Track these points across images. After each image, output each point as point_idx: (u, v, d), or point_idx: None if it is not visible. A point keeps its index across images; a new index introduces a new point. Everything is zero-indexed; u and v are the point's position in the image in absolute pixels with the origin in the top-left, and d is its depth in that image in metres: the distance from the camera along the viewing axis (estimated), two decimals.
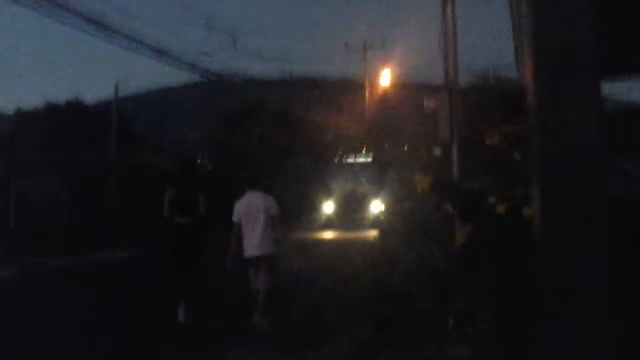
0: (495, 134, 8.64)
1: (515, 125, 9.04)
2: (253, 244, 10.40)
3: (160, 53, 20.32)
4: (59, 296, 14.59)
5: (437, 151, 10.10)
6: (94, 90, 77.42)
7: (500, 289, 7.74)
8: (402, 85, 39.23)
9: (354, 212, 29.47)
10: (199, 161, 43.78)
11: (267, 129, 35.74)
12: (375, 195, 28.62)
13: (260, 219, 10.42)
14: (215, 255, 10.88)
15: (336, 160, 34.16)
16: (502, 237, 7.90)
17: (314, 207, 31.13)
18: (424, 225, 9.39)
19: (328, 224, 29.64)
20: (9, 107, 58.04)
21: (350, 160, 33.38)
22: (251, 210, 10.49)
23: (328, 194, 31.20)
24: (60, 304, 13.35)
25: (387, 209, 20.21)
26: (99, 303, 12.91)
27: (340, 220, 29.79)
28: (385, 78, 39.23)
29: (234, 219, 10.57)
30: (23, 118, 45.33)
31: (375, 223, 27.15)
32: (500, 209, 7.93)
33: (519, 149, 8.38)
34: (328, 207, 30.78)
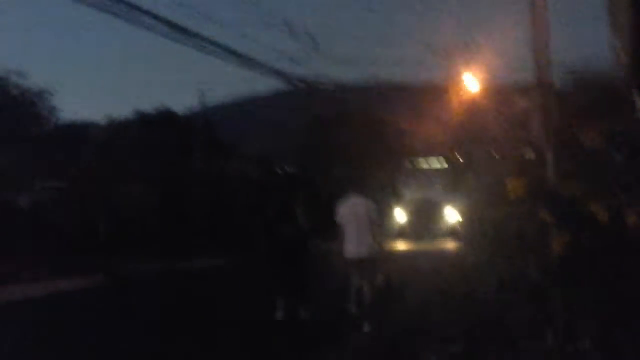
0: (594, 134, 7.96)
1: (617, 123, 8.37)
2: (356, 245, 10.57)
3: (245, 59, 20.04)
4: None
5: (530, 154, 9.45)
6: (181, 99, 78.74)
7: (604, 304, 7.11)
8: (488, 88, 38.18)
9: (428, 221, 27.83)
10: (286, 168, 43.89)
11: (356, 135, 35.41)
12: (450, 203, 27.62)
13: (363, 222, 10.61)
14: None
15: (409, 165, 32.50)
16: (605, 248, 7.26)
17: (386, 216, 28.75)
18: (517, 234, 8.77)
19: (401, 234, 27.83)
20: (97, 117, 59.60)
21: (424, 165, 31.91)
22: (355, 213, 10.69)
23: (400, 202, 29.41)
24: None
25: (473, 216, 19.38)
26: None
27: (413, 230, 27.84)
28: (469, 81, 38.29)
29: (339, 221, 10.79)
30: (116, 127, 46.47)
31: (452, 233, 25.99)
32: (603, 216, 7.27)
33: (621, 150, 7.71)
34: (400, 216, 28.87)
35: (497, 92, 35.63)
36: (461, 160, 32.24)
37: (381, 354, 8.56)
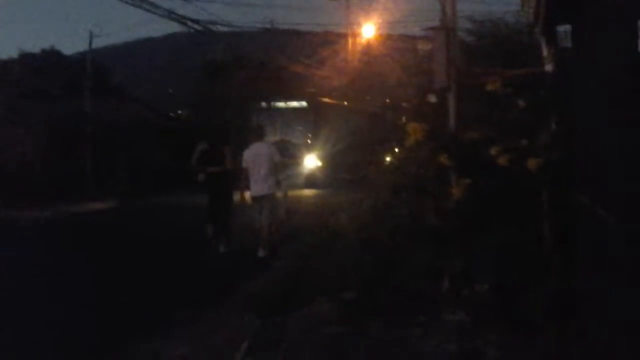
0: (497, 79, 7.87)
1: (521, 69, 8.32)
2: (260, 185, 12.19)
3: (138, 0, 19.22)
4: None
5: (432, 98, 9.33)
6: (71, 40, 75.76)
7: (502, 248, 7.10)
8: (387, 37, 38.24)
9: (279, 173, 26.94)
10: (179, 112, 42.80)
11: (248, 79, 34.78)
12: (310, 148, 26.16)
13: (265, 165, 12.19)
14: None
15: (264, 104, 30.48)
16: (504, 192, 7.24)
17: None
18: (415, 179, 8.66)
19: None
20: None
21: (281, 104, 29.63)
22: (258, 157, 12.26)
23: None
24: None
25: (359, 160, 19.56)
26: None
27: None
28: (368, 29, 38.23)
29: (244, 165, 12.39)
30: None
31: (310, 182, 24.88)
32: (503, 160, 7.23)
33: (523, 95, 7.65)
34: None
35: (398, 42, 35.76)
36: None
37: (275, 298, 8.34)
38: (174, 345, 6.73)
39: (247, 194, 12.54)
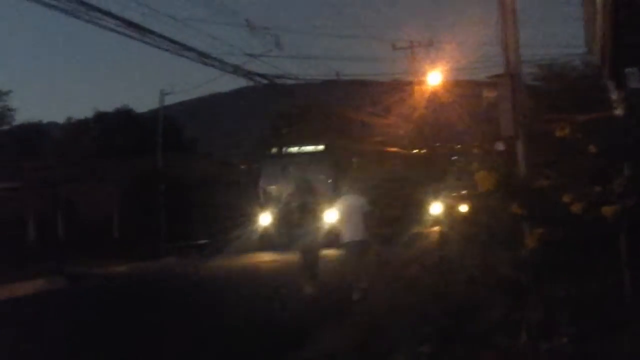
0: (566, 125, 7.74)
1: (591, 114, 8.18)
2: (352, 233, 13.10)
3: (204, 56, 19.77)
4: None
5: (500, 146, 9.24)
6: (143, 98, 78.24)
7: (580, 298, 6.90)
8: (453, 83, 38.17)
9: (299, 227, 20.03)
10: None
11: (317, 130, 35.04)
12: (331, 200, 22.20)
13: (355, 214, 13.13)
14: None
15: (274, 150, 26.69)
16: (579, 240, 7.06)
17: (245, 221, 24.21)
18: (487, 229, 8.53)
19: (263, 244, 23.20)
20: (59, 117, 58.67)
21: (293, 149, 25.28)
22: (349, 207, 13.30)
23: (263, 202, 24.11)
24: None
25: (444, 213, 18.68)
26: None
27: (279, 238, 21.26)
28: (433, 76, 38.27)
29: (338, 214, 13.74)
30: (74, 127, 45.68)
31: (331, 239, 18.67)
32: (576, 208, 7.06)
33: (595, 140, 7.49)
34: (264, 219, 23.56)
35: (463, 87, 35.64)
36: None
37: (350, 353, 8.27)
38: None
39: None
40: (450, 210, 12.78)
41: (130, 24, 16.22)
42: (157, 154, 33.30)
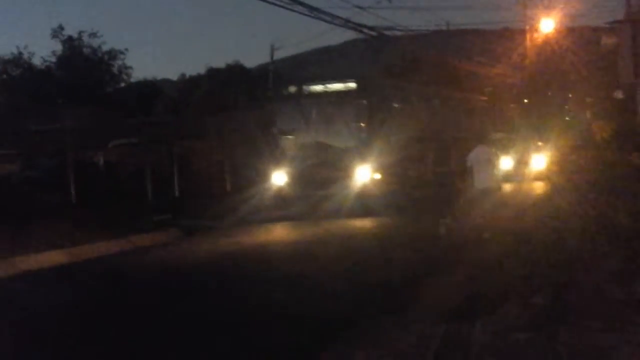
0: None
1: None
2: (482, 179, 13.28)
3: (314, 10, 19.87)
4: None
5: (619, 94, 8.95)
6: (254, 53, 79.16)
7: None
8: (567, 30, 36.83)
9: (322, 188, 17.70)
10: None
11: (426, 81, 34.67)
12: (363, 154, 17.75)
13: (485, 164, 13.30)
14: None
15: (291, 89, 20.87)
16: None
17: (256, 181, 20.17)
18: (604, 180, 8.36)
19: (279, 206, 18.71)
20: (172, 74, 60.27)
21: (317, 87, 19.64)
22: (479, 157, 13.31)
23: (278, 159, 19.34)
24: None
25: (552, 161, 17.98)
26: None
27: (298, 203, 18.13)
28: (546, 23, 37.01)
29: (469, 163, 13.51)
30: (186, 83, 46.92)
31: (362, 205, 17.10)
32: None
33: None
34: (278, 178, 18.88)
35: (578, 34, 34.34)
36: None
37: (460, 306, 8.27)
38: (360, 349, 6.76)
39: None
40: (561, 161, 12.39)
41: None
42: (267, 107, 33.79)
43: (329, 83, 19.37)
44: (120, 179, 21.18)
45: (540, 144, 21.83)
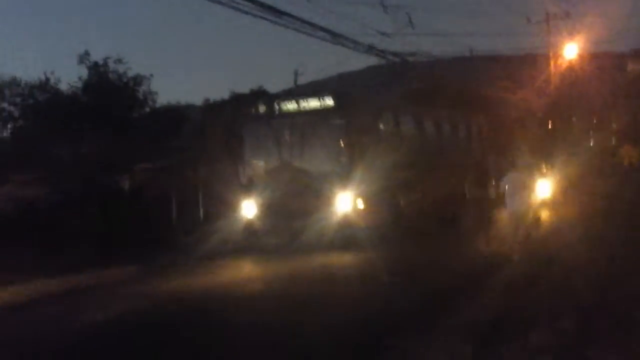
0: None
1: None
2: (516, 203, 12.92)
3: (337, 36, 20.04)
4: None
5: None
6: (278, 78, 79.95)
7: None
8: (591, 56, 36.78)
9: (296, 218, 15.68)
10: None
11: (449, 108, 34.68)
12: (345, 182, 15.66)
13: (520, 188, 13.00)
14: None
15: (262, 110, 17.57)
16: None
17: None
18: (631, 204, 8.32)
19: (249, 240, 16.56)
20: (197, 99, 60.82)
21: (288, 106, 16.98)
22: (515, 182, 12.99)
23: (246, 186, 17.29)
24: None
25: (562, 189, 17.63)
26: None
27: (269, 235, 16.40)
28: (570, 49, 37.00)
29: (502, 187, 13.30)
30: (211, 108, 47.30)
31: (344, 238, 15.07)
32: None
33: None
34: (248, 209, 16.67)
35: (602, 60, 34.24)
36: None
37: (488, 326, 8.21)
38: None
39: None
40: (584, 187, 12.34)
41: (264, 6, 16.59)
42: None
43: (303, 99, 16.93)
44: (146, 203, 21.30)
45: (545, 170, 20.56)
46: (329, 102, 16.28)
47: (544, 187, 18.14)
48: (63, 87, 32.98)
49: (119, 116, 31.38)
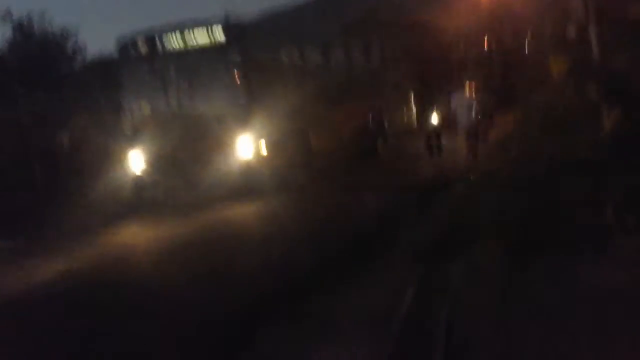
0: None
1: None
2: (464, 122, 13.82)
3: None
4: None
5: (571, 31, 9.17)
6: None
7: None
8: None
9: (191, 169, 14.13)
10: None
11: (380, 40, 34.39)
12: (244, 126, 14.21)
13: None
14: None
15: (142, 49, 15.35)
16: None
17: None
18: (564, 114, 8.62)
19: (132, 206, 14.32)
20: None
21: (175, 42, 14.97)
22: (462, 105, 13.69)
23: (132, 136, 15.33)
24: None
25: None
26: None
27: (159, 193, 14.59)
28: None
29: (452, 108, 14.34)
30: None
31: (244, 186, 13.58)
32: None
33: None
34: (136, 163, 14.87)
35: None
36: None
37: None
38: None
39: None
40: (524, 99, 12.63)
41: None
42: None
43: (189, 30, 14.74)
44: None
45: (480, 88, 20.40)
46: (219, 36, 14.62)
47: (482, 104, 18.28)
48: None
49: (49, 74, 30.52)
